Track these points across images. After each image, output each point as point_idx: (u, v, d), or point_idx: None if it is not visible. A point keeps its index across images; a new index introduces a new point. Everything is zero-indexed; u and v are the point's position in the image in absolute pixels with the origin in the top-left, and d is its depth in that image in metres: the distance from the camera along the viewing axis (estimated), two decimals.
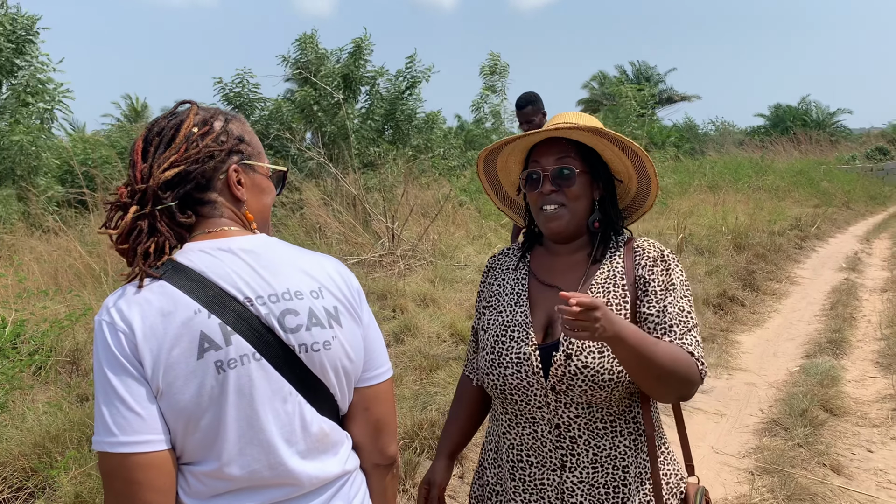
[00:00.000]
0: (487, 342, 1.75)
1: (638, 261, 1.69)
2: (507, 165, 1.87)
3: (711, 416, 4.89)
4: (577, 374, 1.59)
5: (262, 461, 1.27)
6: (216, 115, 1.40)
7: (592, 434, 1.63)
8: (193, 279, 1.26)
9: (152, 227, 1.30)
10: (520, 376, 1.66)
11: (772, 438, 4.42)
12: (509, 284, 1.81)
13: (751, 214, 12.81)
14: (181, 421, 1.22)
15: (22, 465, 3.61)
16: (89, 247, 8.22)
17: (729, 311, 7.53)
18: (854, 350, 6.29)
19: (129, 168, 1.34)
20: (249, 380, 1.25)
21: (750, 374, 5.76)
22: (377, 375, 1.45)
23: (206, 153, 1.34)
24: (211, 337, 1.23)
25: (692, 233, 10.77)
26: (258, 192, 1.43)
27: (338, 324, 1.35)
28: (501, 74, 17.67)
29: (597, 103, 35.83)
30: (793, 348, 6.43)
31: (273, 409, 1.27)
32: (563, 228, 1.71)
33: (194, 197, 1.34)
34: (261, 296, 1.29)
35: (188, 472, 1.26)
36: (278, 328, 1.28)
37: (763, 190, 17.21)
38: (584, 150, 1.72)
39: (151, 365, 1.20)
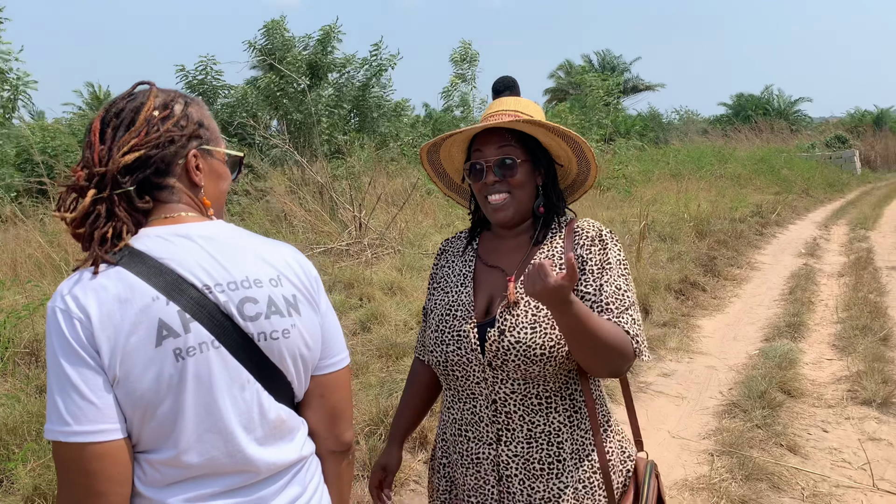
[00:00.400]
0: (433, 321, 1.81)
1: (577, 241, 1.73)
2: (451, 154, 1.90)
3: (672, 399, 4.98)
4: (510, 349, 1.64)
5: (221, 448, 1.26)
6: (176, 99, 1.38)
7: (527, 410, 1.67)
8: (151, 266, 1.24)
9: (110, 211, 1.27)
10: (460, 353, 1.71)
11: (731, 420, 4.51)
12: (458, 266, 1.86)
13: (713, 202, 13.01)
14: (138, 409, 1.20)
15: None
16: (49, 236, 8.07)
17: (690, 297, 7.65)
18: (811, 333, 6.44)
19: (86, 149, 1.31)
20: (208, 367, 1.24)
21: (711, 357, 5.87)
22: (334, 363, 1.44)
23: (167, 138, 1.32)
24: (169, 324, 1.21)
25: (655, 220, 10.90)
26: (215, 177, 1.42)
27: (296, 312, 1.35)
28: (472, 62, 17.65)
29: (563, 92, 35.99)
30: (753, 332, 6.56)
31: (231, 396, 1.27)
32: (509, 217, 1.75)
33: (152, 182, 1.32)
34: (219, 283, 1.28)
35: (144, 460, 1.24)
36: (237, 316, 1.27)
37: (725, 178, 17.47)
38: (524, 138, 1.75)
39: (109, 353, 1.18)
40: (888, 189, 20.36)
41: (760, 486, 3.66)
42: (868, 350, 5.65)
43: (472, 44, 17.49)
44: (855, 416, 4.53)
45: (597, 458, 1.70)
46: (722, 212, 12.42)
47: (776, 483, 3.71)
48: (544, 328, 1.63)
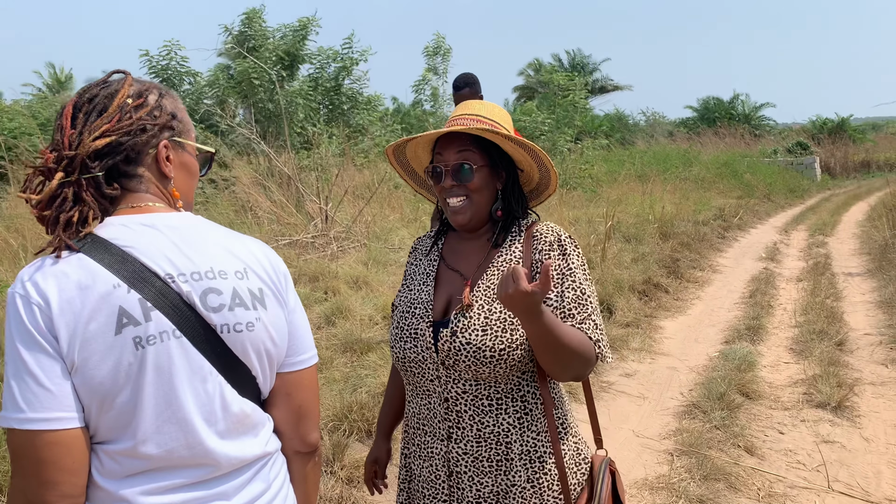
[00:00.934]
0: (396, 317, 1.86)
1: (535, 245, 1.76)
2: (417, 154, 1.93)
3: (634, 399, 5.04)
4: (460, 350, 1.67)
5: (180, 440, 1.24)
6: (150, 89, 1.38)
7: (477, 410, 1.70)
8: (114, 253, 1.23)
9: (77, 195, 1.26)
10: (416, 350, 1.75)
11: (691, 421, 4.58)
12: (423, 265, 1.91)
13: (677, 204, 13.19)
14: (96, 398, 1.19)
15: None
16: (7, 221, 7.88)
17: (653, 298, 7.76)
18: (770, 336, 6.57)
19: (56, 132, 1.30)
20: (168, 357, 1.22)
21: (672, 358, 5.96)
22: (301, 361, 1.43)
23: (139, 126, 1.31)
24: (130, 312, 1.20)
25: (620, 220, 11.02)
26: (185, 170, 1.42)
27: (262, 306, 1.34)
28: (444, 56, 17.62)
29: (532, 90, 36.15)
30: (713, 334, 6.68)
31: (192, 387, 1.25)
32: (466, 221, 1.78)
33: (121, 169, 1.31)
34: (183, 273, 1.26)
35: (101, 450, 1.23)
36: (200, 306, 1.26)
37: (689, 180, 17.71)
38: (484, 142, 1.77)
39: (67, 339, 1.16)
40: (846, 196, 20.84)
41: (718, 486, 3.74)
42: (824, 354, 5.79)
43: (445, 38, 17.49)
44: (810, 419, 4.64)
45: (548, 461, 1.72)
46: (686, 214, 12.60)
47: (733, 483, 3.78)
48: (495, 331, 1.66)
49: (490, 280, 1.74)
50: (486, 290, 1.73)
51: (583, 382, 1.89)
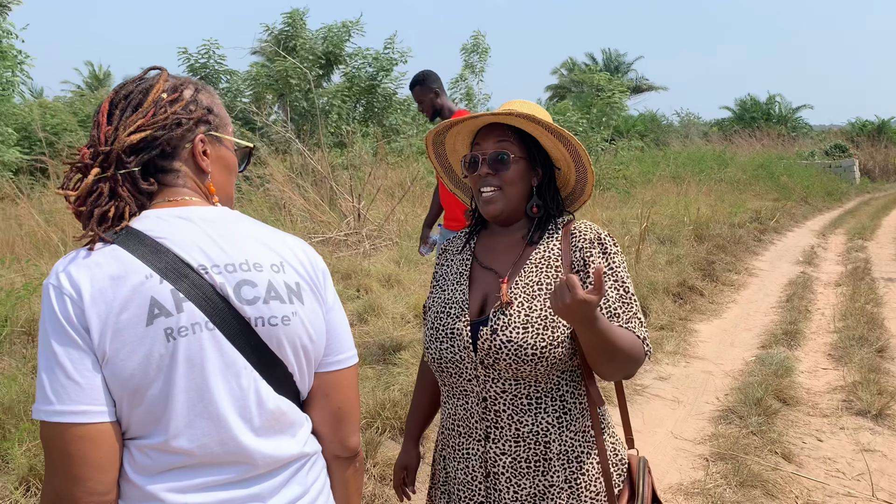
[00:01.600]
0: (429, 318, 1.83)
1: (574, 243, 1.74)
2: (456, 148, 1.92)
3: (668, 403, 4.99)
4: (501, 348, 1.65)
5: (213, 435, 1.21)
6: (186, 84, 1.37)
7: (516, 409, 1.69)
8: (147, 245, 1.22)
9: (113, 190, 1.25)
10: (453, 350, 1.73)
11: (727, 426, 4.52)
12: (455, 265, 1.89)
13: (712, 206, 13.03)
14: (127, 391, 1.17)
15: None
16: (47, 215, 8.04)
17: (688, 300, 7.66)
18: (808, 342, 6.46)
19: (93, 129, 1.30)
20: (201, 349, 1.20)
21: (707, 362, 5.88)
22: (340, 361, 1.39)
23: (174, 120, 1.30)
24: (161, 303, 1.18)
25: (654, 222, 10.91)
26: (222, 165, 1.40)
27: (299, 300, 1.30)
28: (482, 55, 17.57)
29: (565, 90, 35.97)
30: (749, 338, 6.57)
31: (226, 381, 1.22)
32: (498, 211, 1.77)
33: (158, 164, 1.30)
34: (217, 265, 1.24)
35: (133, 446, 1.20)
36: (234, 298, 1.23)
37: (725, 182, 17.49)
38: (524, 137, 1.77)
39: (98, 330, 1.15)
40: (886, 200, 20.41)
41: (755, 492, 3.67)
42: (864, 361, 5.66)
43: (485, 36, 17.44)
44: (850, 427, 4.54)
45: (587, 461, 1.71)
46: (721, 216, 12.43)
47: (770, 490, 3.71)
48: (537, 329, 1.64)
49: (528, 277, 1.73)
50: (524, 288, 1.71)
51: (615, 383, 1.88)
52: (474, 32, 17.84)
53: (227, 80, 14.60)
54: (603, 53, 39.49)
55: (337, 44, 15.11)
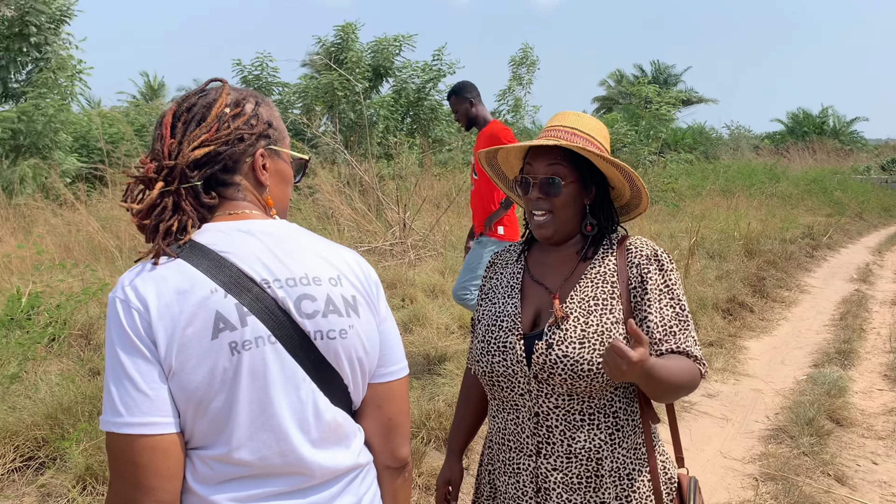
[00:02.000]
0: (479, 331, 1.83)
1: (630, 259, 1.74)
2: (509, 160, 1.93)
3: (717, 421, 4.90)
4: (557, 363, 1.64)
5: (273, 447, 1.23)
6: (247, 97, 1.38)
7: (569, 425, 1.68)
8: (211, 259, 1.24)
9: (176, 204, 1.28)
10: (505, 364, 1.72)
11: (777, 445, 4.42)
12: (506, 278, 1.88)
13: (763, 221, 12.77)
14: (192, 402, 1.19)
15: (34, 436, 3.65)
16: (103, 221, 8.27)
17: (738, 317, 7.53)
18: (862, 362, 6.29)
19: (156, 142, 1.32)
20: (263, 362, 1.22)
21: (757, 380, 5.77)
22: (392, 372, 1.41)
23: (237, 135, 1.32)
24: (226, 317, 1.20)
25: (704, 236, 10.75)
26: (280, 178, 1.42)
27: (355, 313, 1.33)
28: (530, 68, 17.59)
29: (612, 101, 35.73)
30: (801, 357, 6.43)
31: (286, 394, 1.24)
32: (550, 234, 1.77)
33: (219, 178, 1.32)
34: (278, 279, 1.26)
35: (196, 455, 1.23)
36: (294, 312, 1.25)
37: (776, 196, 17.14)
38: (576, 157, 1.75)
39: (165, 343, 1.17)
40: None
41: None
42: None
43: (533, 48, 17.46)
44: None
45: (638, 478, 1.70)
46: (772, 232, 12.18)
47: None
48: (593, 344, 1.63)
49: (584, 292, 1.72)
50: (580, 303, 1.71)
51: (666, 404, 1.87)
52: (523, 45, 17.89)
53: (279, 92, 14.86)
54: (651, 65, 39.12)
55: (387, 57, 15.28)
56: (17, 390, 4.09)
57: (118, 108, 18.71)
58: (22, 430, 3.65)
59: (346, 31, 15.22)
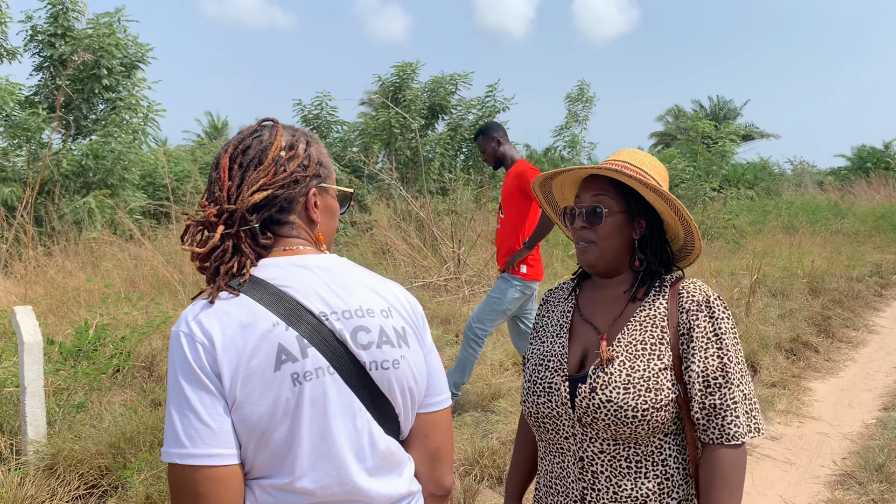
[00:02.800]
0: (527, 370, 1.81)
1: (682, 304, 1.68)
2: (564, 195, 1.93)
3: (780, 464, 4.74)
4: (600, 408, 1.60)
5: (333, 476, 1.27)
6: (299, 138, 1.44)
7: (615, 472, 1.63)
8: (271, 293, 1.29)
9: (236, 246, 1.33)
10: (550, 405, 1.69)
11: (844, 492, 4.25)
12: (556, 316, 1.85)
13: (828, 258, 12.40)
14: (255, 434, 1.23)
15: (98, 463, 3.76)
16: (167, 256, 8.52)
17: (802, 357, 7.29)
18: None
19: (213, 184, 1.38)
20: (323, 393, 1.26)
21: (822, 423, 5.56)
22: (438, 402, 1.45)
23: (293, 178, 1.38)
24: (288, 349, 1.24)
25: (766, 274, 10.49)
26: (329, 213, 1.48)
27: (406, 344, 1.37)
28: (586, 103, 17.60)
29: (670, 136, 35.38)
30: (869, 399, 6.18)
31: (344, 423, 1.28)
32: (591, 263, 1.75)
33: (275, 218, 1.38)
34: (335, 311, 1.31)
35: (257, 485, 1.26)
36: (351, 343, 1.30)
37: (841, 233, 16.64)
38: (625, 190, 1.73)
39: (230, 376, 1.21)
40: None
41: None
42: None
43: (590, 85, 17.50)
44: None
45: None
46: (838, 269, 11.80)
47: None
48: (638, 389, 1.59)
49: (631, 335, 1.68)
50: (627, 346, 1.66)
51: None
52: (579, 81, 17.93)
53: (338, 130, 15.19)
54: (710, 100, 38.71)
55: (443, 96, 15.47)
56: (83, 419, 4.22)
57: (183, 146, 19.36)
58: (86, 459, 3.76)
59: (405, 69, 15.50)
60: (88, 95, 11.80)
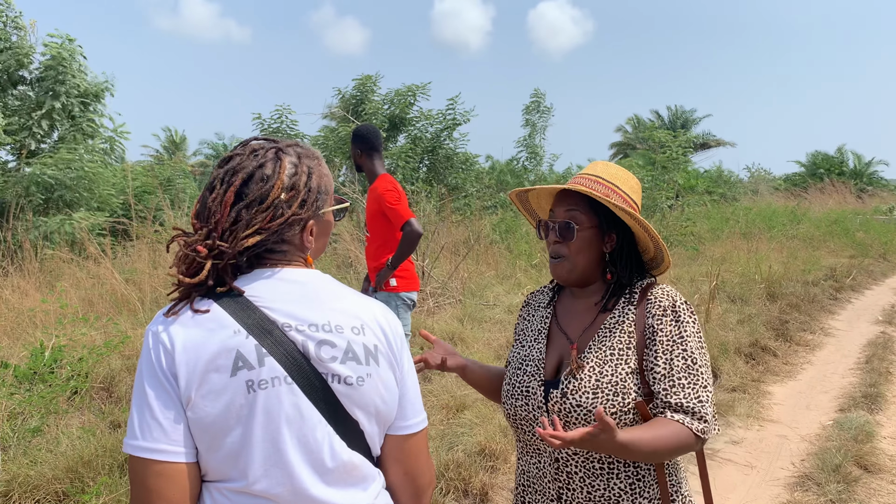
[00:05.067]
0: (507, 373, 1.89)
1: (649, 309, 1.75)
2: (541, 205, 1.99)
3: (741, 468, 4.81)
4: (571, 412, 1.68)
5: (286, 485, 1.29)
6: (302, 170, 1.42)
7: (588, 472, 1.70)
8: (239, 302, 1.32)
9: (220, 278, 1.35)
10: (526, 408, 1.78)
11: (803, 493, 4.33)
12: (536, 321, 1.93)
13: (784, 263, 12.66)
14: (207, 436, 1.26)
15: (55, 489, 3.67)
16: (126, 274, 8.38)
17: (761, 361, 7.43)
18: (890, 405, 6.16)
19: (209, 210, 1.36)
20: (279, 402, 1.28)
21: (781, 426, 5.67)
22: (411, 426, 1.45)
23: (290, 222, 1.38)
24: (246, 356, 1.27)
25: (725, 280, 10.67)
26: (323, 233, 1.49)
27: (375, 363, 1.38)
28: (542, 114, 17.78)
29: (629, 146, 35.87)
30: (826, 401, 6.32)
31: (301, 434, 1.30)
32: (563, 277, 1.83)
33: (267, 247, 1.39)
34: (301, 323, 1.33)
35: (214, 487, 1.30)
36: (313, 356, 1.32)
37: (797, 239, 17.01)
38: (596, 205, 1.80)
39: (186, 378, 1.25)
40: None
41: None
42: None
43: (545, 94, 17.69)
44: None
45: None
46: (794, 274, 12.06)
47: None
48: (606, 394, 1.66)
49: (602, 342, 1.75)
50: (597, 353, 1.73)
51: (696, 453, 1.85)
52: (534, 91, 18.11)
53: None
54: (668, 110, 39.33)
55: (402, 107, 15.50)
56: (39, 444, 4.12)
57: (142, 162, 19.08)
58: (43, 484, 3.67)
59: (365, 83, 15.50)
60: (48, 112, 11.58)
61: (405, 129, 15.95)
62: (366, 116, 14.72)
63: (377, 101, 15.43)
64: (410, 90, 15.65)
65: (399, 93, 15.65)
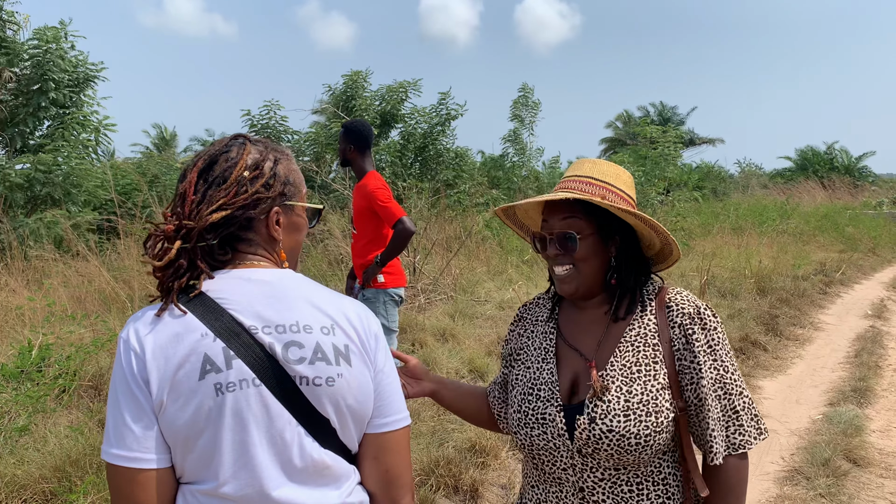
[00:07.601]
0: (515, 399, 1.73)
1: (672, 317, 1.64)
2: (529, 214, 1.85)
3: None
4: (601, 438, 1.56)
5: (255, 486, 1.29)
6: (266, 156, 1.44)
7: (617, 499, 1.59)
8: (208, 305, 1.32)
9: (192, 262, 1.35)
10: (545, 437, 1.63)
11: (793, 487, 4.35)
12: (538, 339, 1.78)
13: (774, 258, 12.71)
14: (179, 439, 1.27)
15: (42, 489, 3.64)
16: (115, 272, 8.33)
17: (751, 356, 7.46)
18: (879, 399, 6.19)
19: (178, 199, 1.39)
20: (247, 404, 1.28)
21: (772, 420, 5.69)
22: (389, 423, 1.43)
23: (254, 199, 1.39)
24: (213, 359, 1.28)
25: (715, 275, 10.70)
26: (293, 229, 1.48)
27: (346, 362, 1.36)
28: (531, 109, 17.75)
29: (620, 142, 35.91)
30: (816, 395, 6.35)
31: (269, 435, 1.30)
32: (573, 290, 1.69)
33: (235, 234, 1.39)
34: (267, 325, 1.32)
35: (188, 490, 1.30)
36: (281, 357, 1.31)
37: (787, 234, 17.09)
38: (593, 207, 1.66)
39: (157, 383, 1.26)
40: None
41: None
42: None
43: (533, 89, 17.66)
44: None
45: None
46: (784, 269, 12.11)
47: None
48: (639, 415, 1.55)
49: (624, 358, 1.62)
50: (621, 370, 1.61)
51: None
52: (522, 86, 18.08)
53: (288, 140, 15.04)
54: (653, 106, 39.36)
55: (393, 104, 15.46)
56: (26, 443, 4.09)
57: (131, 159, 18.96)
58: (30, 484, 3.64)
59: (354, 78, 15.44)
60: (34, 109, 11.49)
61: (397, 125, 15.90)
62: (356, 112, 14.67)
63: (367, 98, 15.37)
64: (402, 86, 15.60)
65: (391, 89, 15.60)
